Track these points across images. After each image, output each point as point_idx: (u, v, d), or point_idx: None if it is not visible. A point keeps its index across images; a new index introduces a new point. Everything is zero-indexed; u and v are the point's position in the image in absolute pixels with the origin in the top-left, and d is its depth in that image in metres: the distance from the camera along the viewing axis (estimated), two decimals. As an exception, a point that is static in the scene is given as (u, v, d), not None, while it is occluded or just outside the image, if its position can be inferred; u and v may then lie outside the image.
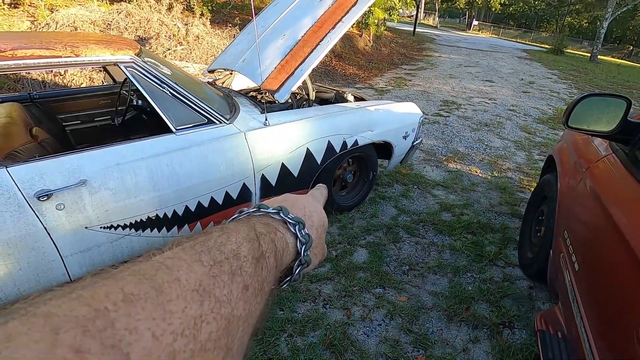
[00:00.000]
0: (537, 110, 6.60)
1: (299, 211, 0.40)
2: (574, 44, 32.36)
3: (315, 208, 0.42)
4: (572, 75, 12.05)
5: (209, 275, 0.24)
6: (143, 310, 0.19)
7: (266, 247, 0.31)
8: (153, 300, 0.20)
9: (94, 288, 0.19)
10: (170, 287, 0.22)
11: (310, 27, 2.41)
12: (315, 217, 0.41)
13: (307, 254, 0.37)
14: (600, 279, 1.18)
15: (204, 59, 6.39)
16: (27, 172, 1.38)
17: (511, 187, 3.46)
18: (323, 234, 0.42)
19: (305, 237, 0.36)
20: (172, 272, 0.23)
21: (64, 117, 2.62)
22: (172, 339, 0.20)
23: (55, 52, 1.48)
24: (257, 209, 0.37)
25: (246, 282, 0.27)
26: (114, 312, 0.18)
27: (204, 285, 0.23)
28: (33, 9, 6.50)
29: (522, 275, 2.28)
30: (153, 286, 0.21)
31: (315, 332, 1.79)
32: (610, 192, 1.32)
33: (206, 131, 1.84)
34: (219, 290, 0.24)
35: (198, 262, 0.25)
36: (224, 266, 0.26)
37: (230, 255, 0.27)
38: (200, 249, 0.26)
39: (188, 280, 0.23)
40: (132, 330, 0.18)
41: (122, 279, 0.21)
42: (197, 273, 0.24)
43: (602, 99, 1.40)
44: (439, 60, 12.18)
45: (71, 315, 0.17)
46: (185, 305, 0.21)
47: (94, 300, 0.18)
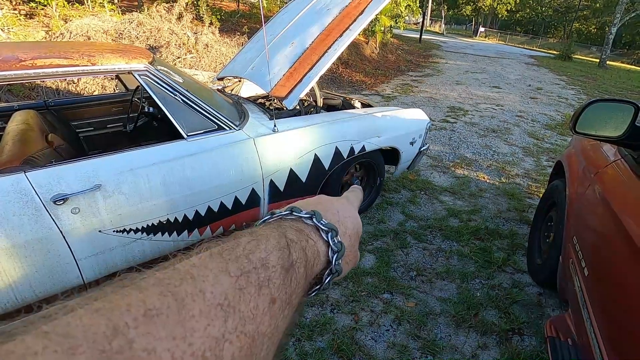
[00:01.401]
0: (545, 116, 6.56)
1: (333, 216, 0.37)
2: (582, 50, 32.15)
3: (349, 212, 0.40)
4: (581, 81, 11.97)
5: (234, 288, 0.23)
6: (164, 328, 0.19)
7: (297, 256, 0.30)
8: (175, 316, 0.19)
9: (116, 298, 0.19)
10: (194, 301, 0.21)
11: (318, 35, 2.46)
12: (349, 222, 0.39)
13: (339, 263, 0.35)
14: (610, 284, 1.18)
15: (213, 66, 6.50)
16: (44, 177, 1.43)
17: (519, 193, 3.44)
18: (356, 241, 0.40)
19: (337, 246, 0.34)
20: (197, 283, 0.22)
21: (78, 123, 2.68)
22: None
23: (72, 62, 1.53)
24: (290, 212, 0.35)
25: (273, 295, 0.26)
26: (133, 330, 0.18)
27: (229, 299, 0.22)
28: (48, 20, 6.69)
29: (531, 282, 2.26)
30: (176, 299, 0.20)
31: (323, 336, 1.80)
32: (620, 197, 1.32)
33: (216, 137, 1.87)
34: (245, 305, 0.23)
35: (224, 273, 0.24)
36: (251, 277, 0.25)
37: (258, 264, 0.26)
38: (228, 256, 0.25)
39: (213, 293, 0.22)
40: (150, 351, 0.17)
41: (145, 288, 0.20)
42: (223, 285, 0.23)
43: (609, 104, 1.41)
44: (446, 66, 12.20)
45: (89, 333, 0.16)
46: (208, 323, 0.21)
47: (114, 313, 0.18)
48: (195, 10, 8.25)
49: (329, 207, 0.39)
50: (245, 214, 2.06)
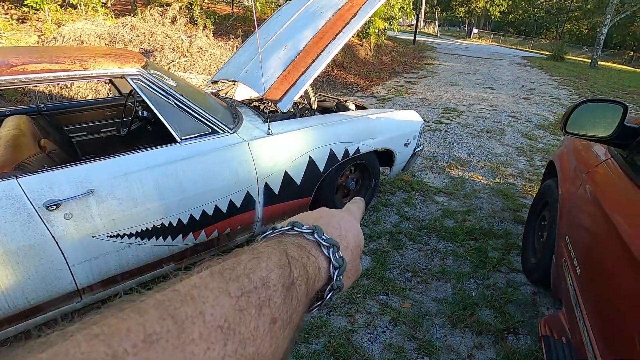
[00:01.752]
0: (538, 116, 6.63)
1: (334, 230, 0.37)
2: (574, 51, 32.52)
3: (351, 226, 0.40)
4: (573, 82, 12.10)
5: (235, 309, 0.23)
6: (163, 354, 0.18)
7: (298, 273, 0.29)
8: (174, 340, 0.19)
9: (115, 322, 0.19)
10: (194, 324, 0.20)
11: (311, 38, 2.47)
12: (350, 236, 0.39)
13: (340, 279, 0.34)
14: (601, 282, 1.19)
15: (207, 70, 6.49)
16: (37, 182, 1.42)
17: (513, 193, 3.47)
18: (358, 255, 0.40)
19: (338, 262, 0.34)
20: (197, 304, 0.22)
21: (71, 128, 2.67)
22: None
23: (64, 66, 1.53)
24: (292, 227, 0.35)
25: (274, 315, 0.25)
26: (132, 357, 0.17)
27: (229, 321, 0.22)
28: (40, 24, 6.65)
29: (525, 281, 2.27)
30: (176, 322, 0.20)
31: (319, 339, 1.79)
32: (610, 196, 1.33)
33: (210, 141, 1.87)
34: (245, 327, 0.23)
35: (225, 293, 0.23)
36: (251, 297, 0.24)
37: (259, 283, 0.26)
38: (229, 276, 0.25)
39: (213, 315, 0.22)
40: None
41: (145, 311, 0.20)
42: (223, 306, 0.22)
43: (599, 104, 1.43)
44: (440, 68, 12.28)
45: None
46: (207, 347, 0.20)
47: (114, 339, 0.18)
48: (189, 13, 8.24)
49: (330, 221, 0.39)
50: (240, 217, 2.06)
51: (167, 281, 0.24)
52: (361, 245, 0.40)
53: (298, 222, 0.35)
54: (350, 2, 2.58)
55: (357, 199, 0.49)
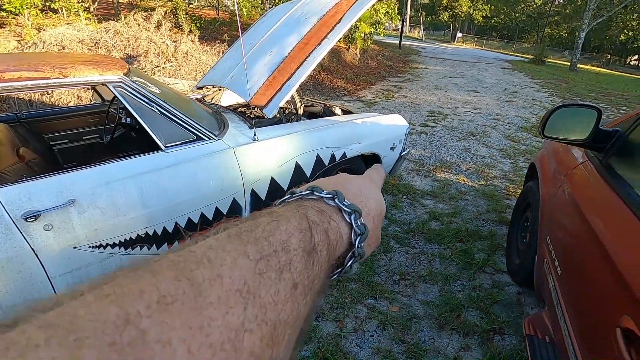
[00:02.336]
0: (520, 118, 6.78)
1: (355, 196, 0.35)
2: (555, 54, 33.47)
3: (372, 193, 0.38)
4: (554, 84, 12.43)
5: (254, 272, 0.22)
6: (179, 317, 0.17)
7: (319, 238, 0.28)
8: (191, 303, 0.18)
9: (127, 282, 0.17)
10: (211, 287, 0.19)
11: (296, 44, 2.48)
12: (372, 203, 0.37)
13: (361, 246, 0.33)
14: (580, 282, 1.22)
15: (193, 75, 6.44)
16: (15, 193, 1.38)
17: (498, 195, 3.53)
18: (379, 223, 0.38)
19: (360, 228, 0.33)
20: (214, 267, 0.20)
21: (52, 136, 2.61)
22: (210, 354, 0.17)
23: (43, 74, 1.49)
24: (311, 191, 0.33)
25: (295, 280, 0.24)
26: (146, 319, 0.16)
27: (249, 284, 0.21)
28: (20, 29, 6.50)
29: (510, 282, 2.32)
30: (192, 284, 0.18)
31: (308, 345, 1.79)
32: (586, 197, 1.38)
33: (195, 148, 1.86)
34: (265, 291, 0.22)
35: (243, 256, 0.22)
36: (271, 261, 0.23)
37: (279, 247, 0.24)
38: (247, 238, 0.24)
39: (232, 278, 0.20)
40: (165, 343, 0.16)
41: (159, 272, 0.18)
42: (241, 269, 0.21)
43: (574, 109, 1.47)
44: (425, 72, 12.47)
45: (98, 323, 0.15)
46: (226, 311, 0.19)
47: (126, 300, 0.16)
48: (174, 18, 8.18)
49: (351, 187, 0.37)
50: (227, 224, 2.04)
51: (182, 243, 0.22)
52: (383, 213, 0.39)
53: (318, 187, 0.33)
54: (335, 8, 2.61)
55: (378, 165, 0.47)
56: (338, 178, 0.39)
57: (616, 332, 0.91)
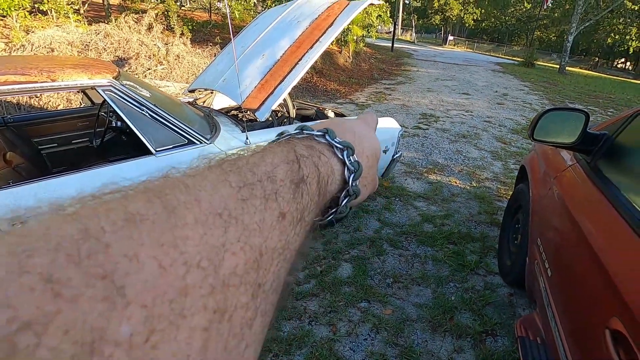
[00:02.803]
0: (511, 121, 6.86)
1: (349, 135, 0.34)
2: (544, 57, 34.02)
3: (366, 133, 0.38)
4: (543, 87, 12.62)
5: (236, 198, 0.20)
6: (149, 234, 0.16)
7: (307, 171, 0.27)
8: (163, 222, 0.17)
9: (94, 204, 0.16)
10: (187, 209, 0.18)
11: (288, 47, 2.48)
12: (366, 142, 0.36)
13: (356, 184, 0.32)
14: (570, 283, 1.24)
15: (184, 77, 6.40)
16: (1, 199, 1.35)
17: (489, 197, 3.57)
18: (375, 163, 0.38)
19: (354, 165, 0.32)
20: (191, 191, 0.19)
21: (40, 140, 2.57)
22: (185, 270, 0.16)
23: (31, 78, 1.47)
24: (300, 131, 0.32)
25: (283, 209, 0.23)
26: (110, 234, 0.15)
27: (230, 209, 0.20)
28: (8, 31, 6.41)
29: (502, 283, 2.33)
30: (165, 206, 0.17)
31: (302, 350, 1.78)
32: (575, 199, 1.39)
33: (186, 152, 1.84)
34: (249, 217, 0.20)
35: (224, 182, 0.21)
36: (255, 189, 0.22)
37: (263, 177, 0.23)
38: (229, 168, 0.22)
39: (211, 202, 0.19)
40: (131, 257, 0.15)
41: (130, 196, 0.17)
42: (222, 195, 0.20)
43: (563, 112, 1.49)
44: (417, 74, 12.57)
45: (56, 235, 0.14)
46: (204, 232, 0.18)
47: (90, 218, 0.15)
48: (165, 20, 8.13)
49: (343, 126, 0.36)
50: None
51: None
52: (377, 154, 0.38)
53: (308, 126, 0.32)
54: (327, 11, 2.62)
55: (370, 111, 0.47)
56: (329, 120, 0.38)
57: (605, 334, 0.92)
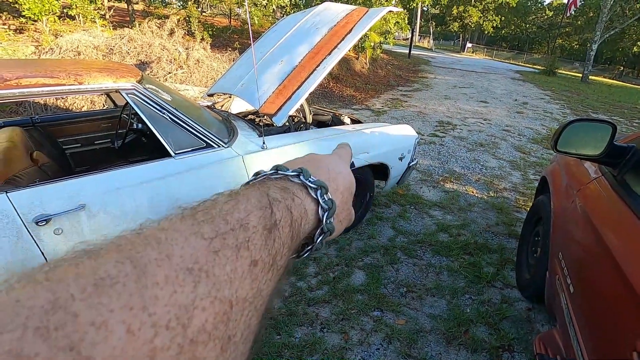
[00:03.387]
0: (531, 130, 6.71)
1: (323, 173, 0.35)
2: (566, 65, 33.23)
3: (340, 169, 0.39)
4: (565, 96, 12.31)
5: (208, 250, 0.21)
6: (119, 298, 0.16)
7: (280, 215, 0.28)
8: (133, 284, 0.17)
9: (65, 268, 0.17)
10: (158, 266, 0.18)
11: (307, 54, 2.50)
12: (340, 179, 0.37)
13: (330, 222, 0.33)
14: (593, 301, 1.19)
15: (203, 82, 6.53)
16: (27, 197, 1.40)
17: (507, 207, 3.48)
18: (349, 198, 0.38)
19: (327, 203, 0.32)
20: (163, 247, 0.20)
21: (65, 140, 2.65)
22: (153, 333, 0.17)
23: (59, 81, 1.52)
24: (275, 171, 0.33)
25: (254, 257, 0.24)
26: (79, 302, 0.15)
27: (201, 263, 0.20)
28: (38, 35, 6.68)
29: (520, 297, 2.27)
30: (135, 266, 0.18)
31: (313, 356, 1.77)
32: (601, 214, 1.34)
33: (205, 155, 1.87)
34: (220, 269, 0.21)
35: (196, 235, 0.21)
36: (228, 239, 0.22)
37: (236, 225, 0.24)
38: (202, 218, 0.23)
39: (182, 257, 0.20)
40: (99, 325, 0.15)
41: (101, 256, 0.18)
42: (194, 248, 0.20)
43: (588, 124, 1.45)
44: (434, 81, 12.46)
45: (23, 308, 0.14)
46: (174, 290, 0.18)
47: (60, 284, 0.16)
48: (187, 26, 8.33)
49: (318, 164, 0.37)
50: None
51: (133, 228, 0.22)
52: (352, 189, 0.39)
53: (283, 166, 0.33)
54: (346, 18, 2.63)
55: (344, 143, 0.48)
56: (306, 157, 0.38)
57: (633, 356, 0.88)
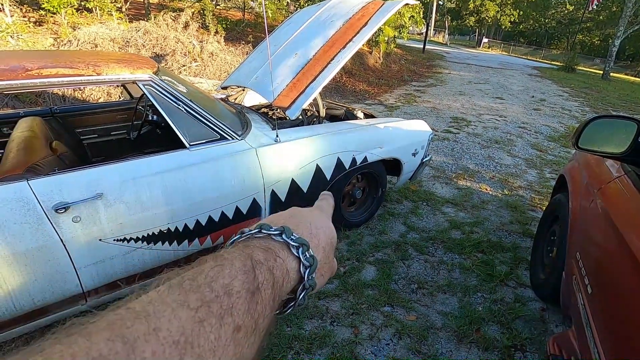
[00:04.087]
0: (548, 127, 6.55)
1: (305, 229, 0.37)
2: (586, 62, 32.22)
3: (322, 224, 0.40)
4: (584, 93, 11.96)
5: (194, 321, 0.22)
6: None
7: (263, 278, 0.29)
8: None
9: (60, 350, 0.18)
10: (147, 342, 0.20)
11: (321, 47, 2.48)
12: (321, 234, 0.38)
13: (312, 278, 0.34)
14: (614, 303, 1.16)
15: (217, 75, 6.56)
16: (47, 185, 1.43)
17: (522, 206, 3.42)
18: (331, 252, 0.40)
19: (309, 260, 0.34)
20: (151, 321, 0.21)
21: (82, 130, 2.71)
22: None
23: (78, 71, 1.55)
24: (259, 230, 0.34)
25: (237, 323, 0.25)
26: None
27: (187, 334, 0.22)
28: (57, 27, 6.80)
29: (534, 297, 2.23)
30: (125, 342, 0.19)
31: (323, 349, 1.77)
32: (623, 214, 1.30)
33: (218, 147, 1.88)
34: (204, 339, 0.22)
35: (183, 306, 0.23)
36: (212, 307, 0.24)
37: (221, 292, 0.25)
38: (189, 286, 0.24)
39: (169, 330, 0.21)
40: None
41: (94, 334, 0.19)
42: (180, 319, 0.22)
43: (612, 120, 1.40)
44: (449, 77, 12.26)
45: None
46: None
47: None
48: (201, 19, 8.36)
49: (301, 220, 0.38)
50: (246, 223, 2.05)
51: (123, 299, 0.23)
52: (333, 242, 0.40)
53: (266, 224, 0.35)
54: (361, 11, 2.60)
55: (326, 193, 0.49)
56: (289, 212, 0.40)
57: (654, 360, 0.85)
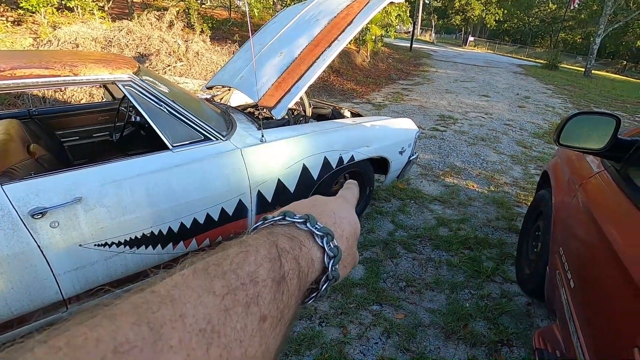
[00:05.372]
0: (533, 124, 6.67)
1: (329, 218, 0.36)
2: (568, 59, 32.94)
3: (346, 213, 0.38)
4: (567, 90, 12.23)
5: (220, 309, 0.21)
6: None
7: (289, 267, 0.28)
8: (149, 349, 0.18)
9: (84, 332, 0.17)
10: (173, 328, 0.19)
11: (306, 46, 2.46)
12: (345, 224, 0.37)
13: (335, 269, 0.33)
14: (594, 296, 1.18)
15: (203, 74, 6.48)
16: (23, 189, 1.39)
17: (508, 202, 3.47)
18: (354, 242, 0.38)
19: (333, 251, 0.32)
20: (177, 306, 0.20)
21: (63, 133, 2.63)
22: None
23: (54, 72, 1.50)
24: (283, 217, 0.33)
25: (263, 313, 0.24)
26: None
27: (213, 322, 0.21)
28: (36, 27, 6.62)
29: (520, 292, 2.26)
30: (152, 328, 0.18)
31: (311, 351, 1.76)
32: (603, 208, 1.33)
33: (202, 148, 1.85)
34: (231, 328, 0.21)
35: (209, 292, 0.22)
36: (238, 295, 0.23)
37: (247, 279, 0.24)
38: (214, 272, 0.23)
39: (195, 317, 0.20)
40: None
41: (119, 317, 0.19)
42: (206, 307, 0.21)
43: (592, 117, 1.43)
44: (436, 75, 12.37)
45: None
46: (188, 354, 0.19)
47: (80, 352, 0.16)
48: (186, 18, 8.25)
49: (324, 209, 0.37)
50: (232, 225, 2.03)
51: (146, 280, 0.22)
52: (357, 232, 0.39)
53: (290, 212, 0.33)
54: (346, 10, 2.59)
55: (351, 182, 0.47)
56: (311, 201, 0.38)
57: (634, 353, 0.86)
